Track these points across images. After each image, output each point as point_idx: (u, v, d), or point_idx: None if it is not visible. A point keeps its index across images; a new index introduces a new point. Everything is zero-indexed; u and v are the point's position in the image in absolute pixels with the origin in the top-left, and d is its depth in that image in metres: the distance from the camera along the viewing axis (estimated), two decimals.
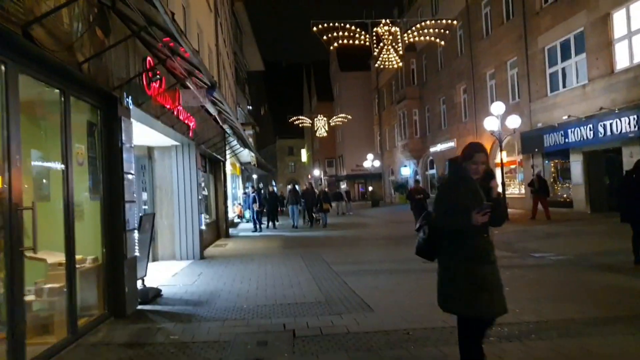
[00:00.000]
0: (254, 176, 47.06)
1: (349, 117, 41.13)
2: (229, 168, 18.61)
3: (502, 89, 22.80)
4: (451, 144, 28.90)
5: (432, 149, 32.04)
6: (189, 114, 9.50)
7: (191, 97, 7.84)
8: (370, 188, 39.36)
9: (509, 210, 17.14)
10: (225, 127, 13.71)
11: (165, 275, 8.55)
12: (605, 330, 4.48)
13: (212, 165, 15.19)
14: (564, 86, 18.34)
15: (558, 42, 18.35)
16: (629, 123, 14.17)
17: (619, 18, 15.23)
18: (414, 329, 4.73)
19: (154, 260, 9.82)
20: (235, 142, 16.27)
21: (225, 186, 15.57)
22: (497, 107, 17.14)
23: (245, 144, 15.70)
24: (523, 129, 19.32)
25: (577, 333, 4.44)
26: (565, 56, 18.09)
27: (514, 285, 6.66)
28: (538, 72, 19.68)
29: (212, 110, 10.46)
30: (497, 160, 24.44)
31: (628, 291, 6.04)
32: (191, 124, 9.83)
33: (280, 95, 70.15)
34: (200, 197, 10.90)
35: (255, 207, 17.56)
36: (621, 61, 15.21)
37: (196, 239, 10.55)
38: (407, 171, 37.66)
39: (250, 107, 45.22)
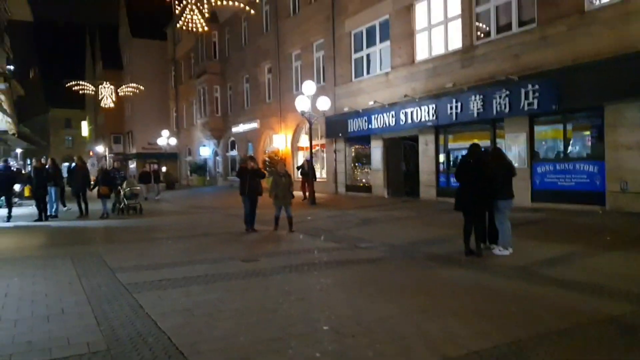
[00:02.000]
0: (18, 150, 38.01)
1: (141, 87, 36.26)
2: None
3: (308, 71, 22.41)
4: (254, 124, 27.71)
5: (234, 129, 30.36)
6: None
7: None
8: (164, 169, 35.58)
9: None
10: None
11: None
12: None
13: None
14: (368, 72, 18.71)
15: (364, 27, 18.56)
16: (428, 112, 14.89)
17: (421, 10, 15.90)
18: None
19: None
20: None
21: None
22: (309, 87, 16.38)
23: None
24: (328, 113, 19.14)
25: None
26: (371, 42, 18.40)
27: (366, 290, 5.42)
28: (344, 56, 19.72)
29: None
30: (303, 143, 24.35)
31: (487, 290, 5.37)
32: None
33: (56, 59, 58.72)
34: None
35: None
36: (422, 52, 15.95)
37: None
38: (206, 151, 35.25)
39: (12, 67, 36.16)
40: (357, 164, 20.07)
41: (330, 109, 17.89)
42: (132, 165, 48.88)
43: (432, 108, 14.67)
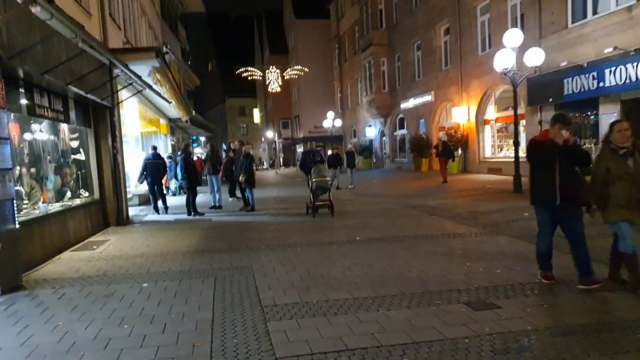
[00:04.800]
0: (202, 138, 40.79)
1: (306, 69, 35.42)
2: (129, 118, 12.93)
3: (499, 26, 17.90)
4: (428, 97, 24.08)
5: (402, 105, 27.15)
6: None
7: None
8: (330, 152, 34.29)
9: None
10: (106, 58, 8.24)
11: None
12: None
13: (88, 114, 9.57)
14: (595, 12, 13.64)
15: None
16: None
17: None
18: None
19: None
20: (137, 83, 10.65)
21: (115, 147, 9.98)
22: (514, 37, 12.19)
23: (142, 82, 10.09)
24: (531, 74, 14.54)
25: None
26: None
27: None
28: None
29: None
30: (489, 115, 20.05)
31: None
32: None
33: (230, 51, 62.78)
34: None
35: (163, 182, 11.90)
36: None
37: None
38: (372, 132, 32.81)
39: (189, 58, 38.65)
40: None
41: (529, 69, 13.38)
42: (300, 149, 49.38)
43: None
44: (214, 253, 6.92)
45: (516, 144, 12.86)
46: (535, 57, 12.28)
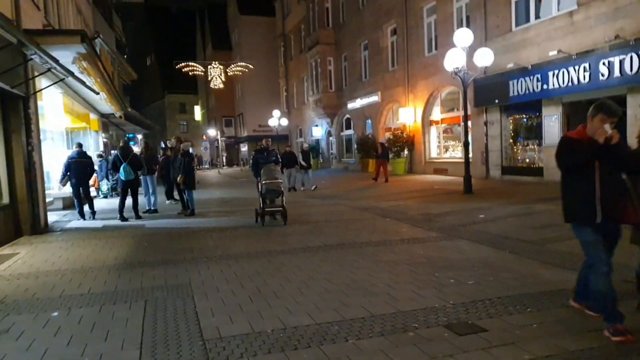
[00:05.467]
0: (139, 136, 38.51)
1: (251, 66, 34.32)
2: (51, 111, 11.50)
3: (445, 27, 17.95)
4: (375, 97, 23.88)
5: (350, 105, 26.83)
6: None
7: None
8: (285, 150, 33.33)
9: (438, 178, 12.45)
10: (13, 36, 6.97)
11: None
12: None
13: None
14: (538, 16, 13.84)
15: None
16: None
17: None
18: None
19: None
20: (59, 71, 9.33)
21: (30, 143, 8.66)
22: (464, 36, 12.02)
23: (62, 69, 8.80)
24: (477, 75, 14.49)
25: None
26: None
27: None
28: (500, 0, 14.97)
29: None
30: (435, 116, 20.03)
31: None
32: None
33: (170, 45, 60.02)
34: None
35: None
36: None
37: None
38: (319, 131, 32.30)
39: (126, 51, 36.42)
40: (517, 140, 15.36)
41: (477, 69, 13.26)
42: (244, 148, 48.01)
43: None
44: (145, 267, 5.98)
45: (466, 145, 12.72)
46: (484, 58, 12.18)
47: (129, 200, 10.59)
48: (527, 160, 14.90)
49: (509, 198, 10.91)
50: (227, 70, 34.75)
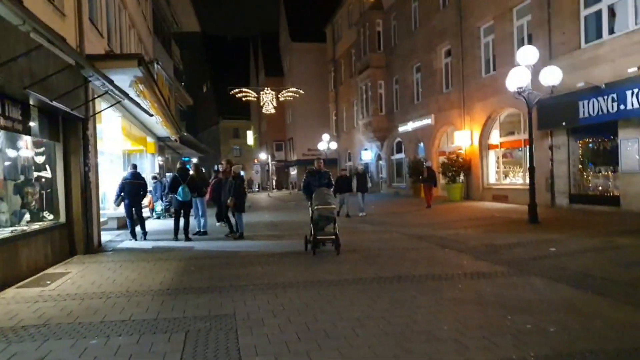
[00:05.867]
0: (194, 160, 39.68)
1: (301, 91, 34.60)
2: (109, 134, 11.76)
3: (504, 46, 17.18)
4: (428, 120, 23.19)
5: (400, 129, 26.23)
6: None
7: None
8: (339, 174, 33.05)
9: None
10: (72, 59, 7.11)
11: None
12: None
13: (56, 126, 8.40)
14: (612, 32, 12.86)
15: None
16: None
17: None
18: None
19: None
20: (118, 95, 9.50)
21: (87, 164, 8.78)
22: (528, 54, 11.30)
23: (118, 91, 8.90)
24: (542, 95, 13.54)
25: None
26: None
27: None
28: (567, 14, 14.10)
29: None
30: (493, 140, 19.07)
31: None
32: None
33: (225, 73, 62.22)
34: None
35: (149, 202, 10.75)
36: None
37: None
38: (368, 155, 31.81)
39: (183, 78, 37.81)
40: (587, 165, 14.18)
41: (542, 89, 12.33)
42: (293, 172, 48.25)
43: None
44: (190, 294, 5.67)
45: (531, 170, 11.82)
46: (552, 76, 11.37)
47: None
48: (600, 187, 13.67)
49: (583, 229, 9.90)
50: (279, 95, 35.22)
